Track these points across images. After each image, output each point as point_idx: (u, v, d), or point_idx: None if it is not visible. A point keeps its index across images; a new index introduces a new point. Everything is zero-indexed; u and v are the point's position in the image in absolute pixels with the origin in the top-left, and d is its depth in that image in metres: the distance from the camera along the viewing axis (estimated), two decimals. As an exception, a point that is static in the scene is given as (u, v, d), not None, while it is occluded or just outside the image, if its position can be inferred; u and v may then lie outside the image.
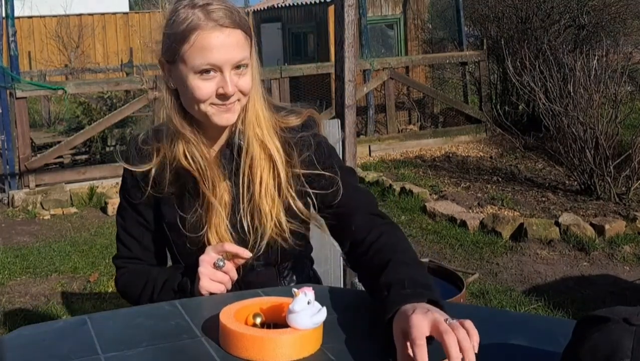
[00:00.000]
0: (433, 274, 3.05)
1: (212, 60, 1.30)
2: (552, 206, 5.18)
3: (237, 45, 1.32)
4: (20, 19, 9.60)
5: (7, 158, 5.84)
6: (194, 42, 1.30)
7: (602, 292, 3.73)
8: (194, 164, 1.38)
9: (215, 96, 1.33)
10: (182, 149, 1.38)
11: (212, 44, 1.29)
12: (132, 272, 1.53)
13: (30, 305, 3.79)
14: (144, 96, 6.27)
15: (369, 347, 1.08)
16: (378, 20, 9.01)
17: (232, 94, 1.33)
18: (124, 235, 1.54)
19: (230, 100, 1.34)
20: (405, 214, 5.18)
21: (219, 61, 1.30)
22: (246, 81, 1.35)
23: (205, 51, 1.30)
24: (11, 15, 5.79)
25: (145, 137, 1.46)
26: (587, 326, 0.85)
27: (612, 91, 5.39)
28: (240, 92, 1.35)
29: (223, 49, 1.30)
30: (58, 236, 4.98)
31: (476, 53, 8.10)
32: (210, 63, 1.30)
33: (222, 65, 1.31)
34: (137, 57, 11.44)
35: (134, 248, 1.53)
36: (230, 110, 1.35)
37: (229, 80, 1.31)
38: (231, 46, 1.31)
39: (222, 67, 1.31)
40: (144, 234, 1.51)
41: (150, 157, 1.43)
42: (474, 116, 8.01)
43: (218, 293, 1.31)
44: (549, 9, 7.70)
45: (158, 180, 1.42)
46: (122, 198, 1.52)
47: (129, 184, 1.49)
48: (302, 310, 1.05)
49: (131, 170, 1.46)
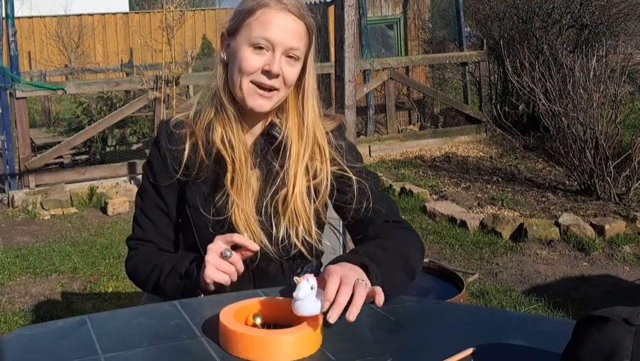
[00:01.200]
0: (433, 275, 3.05)
1: (269, 35, 1.35)
2: (552, 206, 5.18)
3: (296, 33, 1.37)
4: (20, 19, 9.59)
5: (7, 158, 5.84)
6: (259, 16, 1.36)
7: (602, 292, 3.73)
8: (229, 149, 1.41)
9: (260, 72, 1.37)
10: (220, 133, 1.42)
11: (274, 22, 1.35)
12: (142, 254, 1.52)
13: (30, 304, 3.79)
14: (144, 96, 6.26)
15: (369, 347, 1.09)
16: (378, 20, 9.01)
17: (276, 74, 1.36)
18: (141, 217, 1.54)
19: (272, 83, 1.37)
20: (405, 214, 5.18)
21: (274, 39, 1.35)
22: (292, 72, 1.39)
23: (266, 26, 1.35)
24: (11, 15, 5.79)
25: (177, 121, 1.49)
26: (587, 326, 0.85)
27: (612, 91, 5.39)
28: (284, 81, 1.38)
29: (282, 30, 1.36)
30: (58, 236, 4.98)
31: (476, 53, 8.10)
32: (267, 38, 1.35)
33: (276, 44, 1.36)
34: (137, 57, 11.43)
35: (149, 230, 1.52)
36: (267, 98, 1.39)
37: (277, 59, 1.36)
38: (290, 31, 1.36)
39: (275, 47, 1.36)
40: (161, 218, 1.52)
41: (183, 141, 1.46)
42: (474, 116, 8.01)
43: (222, 283, 1.31)
44: (550, 9, 7.69)
45: (189, 163, 1.44)
46: (145, 180, 1.54)
47: (155, 167, 1.50)
48: (307, 295, 1.06)
49: (160, 152, 1.48)
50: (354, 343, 1.09)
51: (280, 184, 1.43)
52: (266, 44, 1.36)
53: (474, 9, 8.64)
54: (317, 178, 1.44)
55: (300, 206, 1.42)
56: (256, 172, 1.44)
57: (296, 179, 1.42)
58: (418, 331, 1.16)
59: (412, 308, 1.27)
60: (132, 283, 4.25)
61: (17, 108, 5.82)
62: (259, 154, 1.45)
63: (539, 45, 7.30)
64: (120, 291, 3.90)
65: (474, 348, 1.04)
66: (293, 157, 1.42)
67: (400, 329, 1.16)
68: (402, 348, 1.08)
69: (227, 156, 1.41)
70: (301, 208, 1.42)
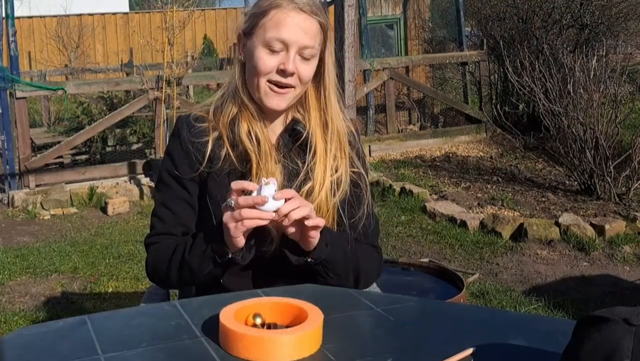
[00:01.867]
0: (433, 275, 3.06)
1: (282, 36, 1.38)
2: (552, 206, 5.18)
3: (309, 31, 1.39)
4: (20, 19, 9.59)
5: (7, 158, 5.84)
6: (272, 17, 1.39)
7: (602, 292, 3.73)
8: (255, 144, 1.43)
9: (275, 72, 1.39)
10: (247, 128, 1.44)
11: (286, 22, 1.38)
12: (164, 246, 1.48)
13: (30, 305, 3.79)
14: (144, 96, 6.26)
15: (369, 347, 1.09)
16: (378, 20, 9.01)
17: (291, 72, 1.38)
18: (161, 209, 1.51)
19: (287, 81, 1.39)
20: (405, 214, 5.18)
21: (288, 39, 1.38)
22: (307, 70, 1.42)
23: (279, 26, 1.38)
24: (11, 15, 5.79)
25: (197, 116, 1.50)
26: (587, 326, 0.85)
27: (612, 91, 5.38)
28: (299, 79, 1.41)
29: (295, 29, 1.38)
30: (58, 236, 4.98)
31: (476, 53, 8.10)
32: (280, 38, 1.38)
33: (290, 43, 1.38)
34: (137, 57, 11.42)
35: (171, 221, 1.50)
36: (282, 95, 1.41)
37: (292, 58, 1.38)
38: (303, 30, 1.39)
39: (289, 46, 1.38)
40: (184, 209, 1.49)
41: (206, 134, 1.46)
42: (474, 116, 8.01)
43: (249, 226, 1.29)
44: (550, 8, 7.69)
45: (212, 156, 1.45)
46: (164, 173, 1.52)
47: (177, 158, 1.49)
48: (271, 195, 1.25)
49: (182, 145, 1.48)
50: (354, 343, 1.09)
51: (304, 179, 1.45)
52: (280, 44, 1.38)
53: (474, 8, 8.64)
54: (338, 172, 1.47)
55: (324, 200, 1.44)
56: (279, 167, 1.45)
57: (325, 174, 1.45)
58: (418, 331, 1.16)
59: (412, 308, 1.27)
60: (132, 283, 4.24)
61: (17, 108, 5.82)
62: (282, 150, 1.47)
63: (539, 45, 7.29)
64: (120, 291, 3.90)
65: (474, 348, 1.04)
66: (319, 153, 1.45)
67: (400, 329, 1.16)
68: (402, 348, 1.08)
69: (252, 151, 1.43)
70: (324, 202, 1.44)
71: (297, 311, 1.11)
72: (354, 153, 1.51)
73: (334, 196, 1.46)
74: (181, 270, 1.42)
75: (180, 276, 1.44)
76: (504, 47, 7.09)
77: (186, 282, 1.47)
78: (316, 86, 1.48)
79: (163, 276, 1.48)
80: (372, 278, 1.56)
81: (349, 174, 1.48)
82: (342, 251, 1.42)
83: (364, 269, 1.49)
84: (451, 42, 9.06)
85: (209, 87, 10.72)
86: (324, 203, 1.44)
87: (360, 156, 1.54)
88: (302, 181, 1.45)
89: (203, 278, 1.41)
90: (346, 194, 1.48)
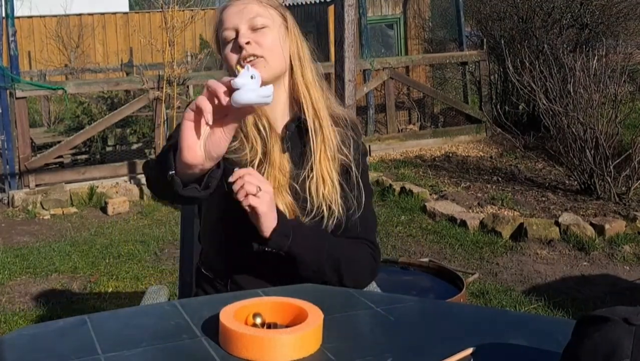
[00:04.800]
0: (433, 274, 3.06)
1: (227, 24, 1.46)
2: (552, 206, 5.18)
3: (248, 9, 1.46)
4: (20, 19, 9.59)
5: (7, 158, 5.84)
6: (220, 19, 1.49)
7: (602, 292, 3.73)
8: (262, 134, 1.46)
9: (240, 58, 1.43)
10: (253, 119, 1.47)
11: (228, 13, 1.47)
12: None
13: (30, 304, 3.79)
14: (144, 96, 6.26)
15: (369, 347, 1.09)
16: (378, 20, 9.01)
17: (244, 42, 1.42)
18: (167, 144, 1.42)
19: (249, 51, 1.42)
20: (405, 214, 5.18)
21: (231, 23, 1.45)
22: (264, 36, 1.45)
23: (224, 21, 1.47)
24: (11, 15, 5.79)
25: None
26: (586, 326, 0.85)
27: (612, 90, 5.38)
28: (260, 45, 1.44)
29: (236, 13, 1.46)
30: (58, 236, 4.98)
31: (476, 53, 8.10)
32: (227, 27, 1.46)
33: (236, 26, 1.45)
34: (137, 57, 11.42)
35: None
36: (255, 65, 1.41)
37: (242, 32, 1.44)
38: (244, 11, 1.46)
39: (237, 28, 1.45)
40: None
41: None
42: (474, 116, 8.01)
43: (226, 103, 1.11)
44: (550, 8, 7.69)
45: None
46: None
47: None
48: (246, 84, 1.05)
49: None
50: (354, 343, 1.09)
51: (310, 168, 1.48)
52: (231, 32, 1.45)
53: (474, 8, 8.64)
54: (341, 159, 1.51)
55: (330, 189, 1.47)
56: (286, 157, 1.48)
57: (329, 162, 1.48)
58: (418, 331, 1.16)
59: (412, 307, 1.27)
60: (132, 283, 4.24)
61: (17, 108, 5.82)
62: (288, 140, 1.49)
63: (539, 45, 7.30)
64: (120, 291, 3.90)
65: (474, 348, 1.04)
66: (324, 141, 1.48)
67: (400, 329, 1.16)
68: (402, 348, 1.08)
69: (258, 141, 1.46)
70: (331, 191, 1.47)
71: (297, 311, 1.11)
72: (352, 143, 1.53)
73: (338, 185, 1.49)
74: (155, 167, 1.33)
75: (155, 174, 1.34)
76: (504, 46, 7.09)
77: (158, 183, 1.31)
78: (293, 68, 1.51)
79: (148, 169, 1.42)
80: (363, 278, 1.55)
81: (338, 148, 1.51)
82: (313, 246, 1.43)
83: (348, 269, 1.48)
84: (451, 42, 9.05)
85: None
86: (331, 192, 1.47)
87: (359, 151, 1.56)
88: (309, 170, 1.47)
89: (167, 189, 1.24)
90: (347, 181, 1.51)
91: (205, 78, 7.60)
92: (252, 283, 1.45)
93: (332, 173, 1.48)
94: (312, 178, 1.47)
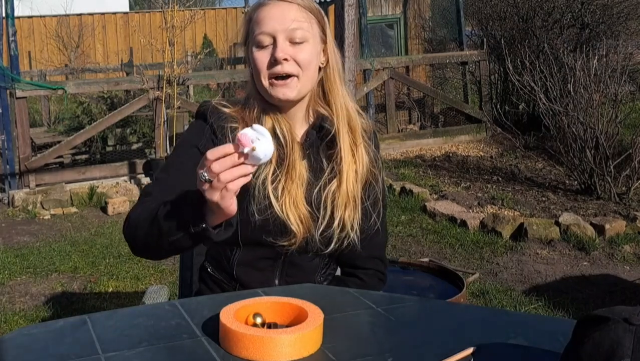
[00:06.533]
0: (433, 274, 3.05)
1: (265, 29, 1.38)
2: (552, 206, 5.18)
3: (291, 16, 1.38)
4: (20, 19, 9.58)
5: (7, 158, 5.84)
6: (255, 18, 1.40)
7: (602, 292, 3.73)
8: (282, 140, 1.42)
9: (271, 65, 1.38)
10: (272, 124, 1.42)
11: (267, 15, 1.39)
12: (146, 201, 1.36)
13: (30, 304, 3.79)
14: (144, 96, 6.26)
15: (369, 347, 1.09)
16: (378, 19, 9.01)
17: (282, 58, 1.36)
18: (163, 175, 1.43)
19: (285, 70, 1.37)
20: (405, 214, 5.18)
21: (271, 29, 1.38)
22: (303, 54, 1.39)
23: (261, 22, 1.39)
24: (11, 15, 5.79)
25: (222, 102, 1.50)
26: (587, 326, 0.85)
27: (612, 90, 5.38)
28: (298, 64, 1.39)
29: (275, 19, 1.38)
30: (58, 236, 4.98)
31: (477, 53, 8.10)
32: (264, 32, 1.38)
33: (274, 32, 1.38)
34: (137, 57, 11.41)
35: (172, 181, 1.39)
36: (287, 86, 1.39)
37: (280, 45, 1.37)
38: (284, 17, 1.38)
39: (275, 36, 1.38)
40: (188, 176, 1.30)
41: (235, 121, 1.45)
42: (474, 116, 8.01)
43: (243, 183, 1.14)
44: (550, 8, 7.69)
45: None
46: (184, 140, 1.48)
47: (205, 133, 1.45)
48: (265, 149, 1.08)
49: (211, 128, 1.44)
50: (354, 343, 1.09)
51: (331, 176, 1.44)
52: (267, 37, 1.38)
53: (474, 8, 8.64)
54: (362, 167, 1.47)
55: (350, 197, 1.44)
56: (305, 164, 1.44)
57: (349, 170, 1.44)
58: (418, 331, 1.16)
59: (412, 307, 1.27)
60: (132, 283, 4.24)
61: (17, 108, 5.82)
62: (307, 147, 1.46)
63: (539, 45, 7.29)
64: (120, 291, 3.90)
65: (474, 348, 1.04)
66: (345, 149, 1.44)
67: (400, 329, 1.16)
68: (402, 348, 1.08)
69: (278, 146, 1.41)
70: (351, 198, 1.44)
71: (297, 311, 1.11)
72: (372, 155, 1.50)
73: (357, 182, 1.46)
74: (150, 228, 1.29)
75: (147, 234, 1.30)
76: (504, 46, 7.09)
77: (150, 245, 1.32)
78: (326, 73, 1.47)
79: (132, 229, 1.35)
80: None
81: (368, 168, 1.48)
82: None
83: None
84: (451, 42, 9.05)
85: (209, 87, 10.72)
86: (351, 215, 1.43)
87: (379, 160, 1.54)
88: (329, 178, 1.44)
89: (168, 246, 1.26)
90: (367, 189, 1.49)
91: (203, 78, 7.61)
92: (258, 282, 1.45)
93: (358, 194, 1.45)
94: (336, 196, 1.43)
